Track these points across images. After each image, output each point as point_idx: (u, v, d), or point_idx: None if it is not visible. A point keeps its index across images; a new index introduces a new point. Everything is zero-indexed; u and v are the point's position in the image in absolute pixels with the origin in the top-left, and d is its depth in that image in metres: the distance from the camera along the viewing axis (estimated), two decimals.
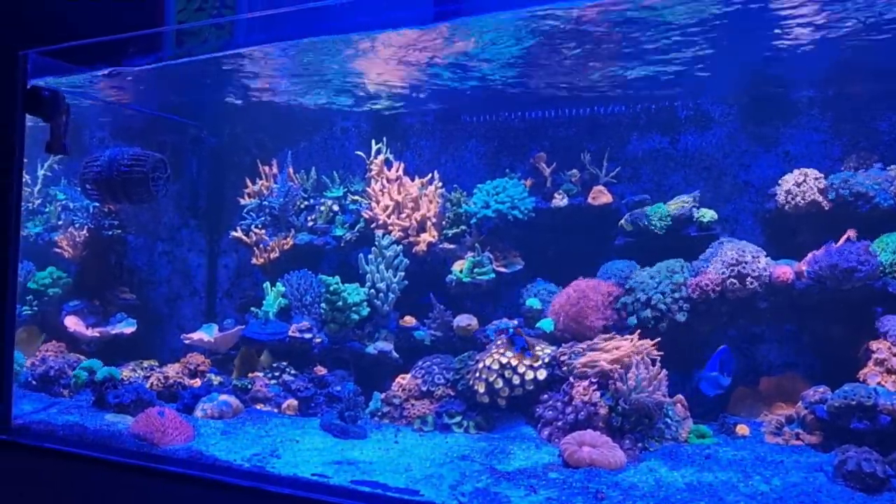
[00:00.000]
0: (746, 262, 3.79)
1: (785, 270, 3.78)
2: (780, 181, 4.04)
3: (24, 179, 3.75)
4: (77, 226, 5.33)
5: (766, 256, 3.88)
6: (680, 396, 3.71)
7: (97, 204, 5.14)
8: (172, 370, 4.49)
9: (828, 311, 3.77)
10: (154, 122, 5.41)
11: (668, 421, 3.55)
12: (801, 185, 3.93)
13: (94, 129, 5.67)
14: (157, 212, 5.50)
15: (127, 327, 5.06)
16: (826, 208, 3.90)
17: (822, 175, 3.96)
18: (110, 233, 5.33)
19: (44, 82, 3.72)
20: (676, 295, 3.87)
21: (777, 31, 3.38)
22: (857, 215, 3.84)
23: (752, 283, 3.76)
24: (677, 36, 3.44)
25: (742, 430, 3.62)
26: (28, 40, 3.55)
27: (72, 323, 4.99)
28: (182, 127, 5.34)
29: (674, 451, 3.37)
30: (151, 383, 4.35)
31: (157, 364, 4.76)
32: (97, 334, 4.95)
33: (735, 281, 3.76)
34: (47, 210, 5.63)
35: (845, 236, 3.76)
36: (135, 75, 4.27)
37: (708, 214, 4.14)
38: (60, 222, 5.49)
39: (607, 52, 3.69)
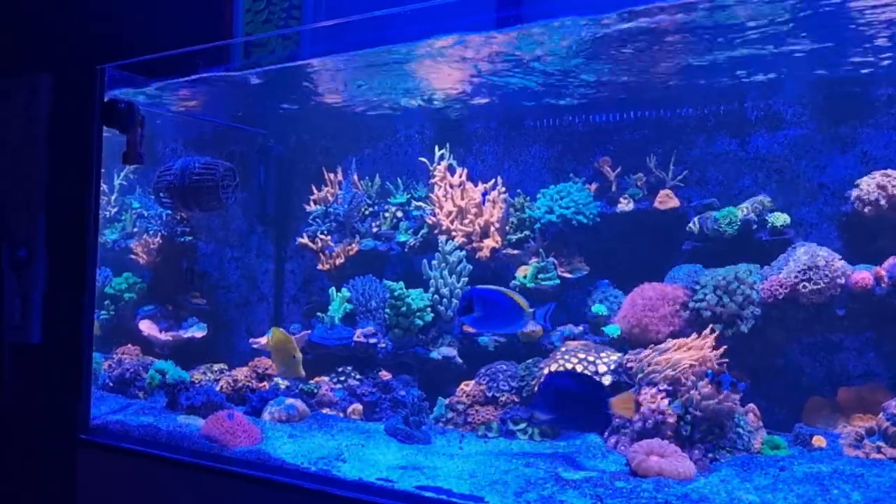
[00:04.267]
0: (820, 267, 3.65)
1: (864, 276, 3.63)
2: (856, 182, 3.89)
3: (101, 189, 3.88)
4: (151, 233, 5.51)
5: (843, 261, 3.73)
6: (752, 405, 3.60)
7: (170, 212, 5.30)
8: (241, 373, 4.59)
9: None
10: (224, 132, 5.55)
11: (740, 431, 3.44)
12: (882, 187, 3.77)
13: (167, 139, 5.86)
14: (227, 219, 5.63)
15: (198, 331, 5.19)
16: None
17: None
18: (182, 239, 5.48)
19: (119, 94, 3.86)
20: (747, 301, 3.76)
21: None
22: None
23: (827, 289, 3.62)
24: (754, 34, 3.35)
25: (818, 441, 3.48)
26: (105, 55, 3.69)
27: (146, 327, 5.16)
28: (250, 136, 5.46)
29: (746, 462, 3.27)
30: (221, 386, 4.45)
31: (226, 367, 4.87)
32: (170, 338, 5.10)
33: (809, 286, 3.63)
34: (123, 218, 5.83)
35: None
36: (207, 87, 4.40)
37: (780, 218, 4.00)
38: (135, 229, 5.69)
39: (676, 54, 3.62)
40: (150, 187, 4.59)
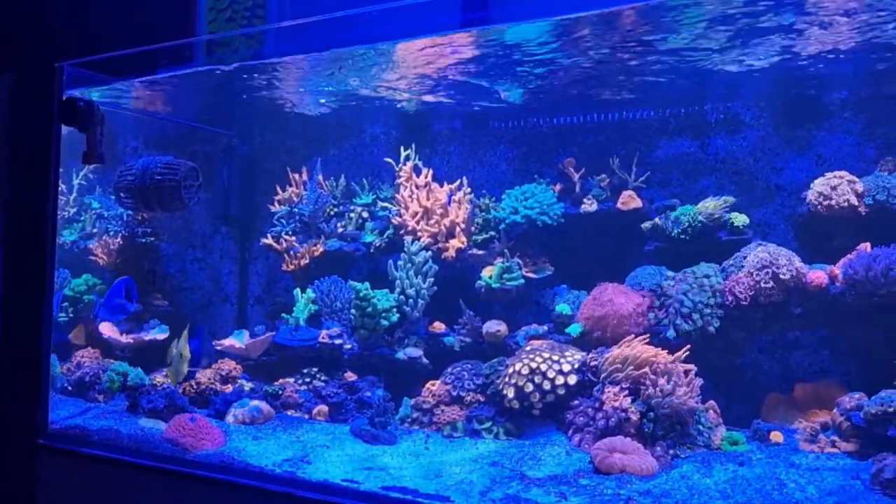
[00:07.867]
0: (778, 266, 3.73)
1: (819, 275, 3.72)
2: (811, 184, 3.99)
3: (59, 189, 3.81)
4: (111, 234, 5.41)
5: (799, 260, 3.82)
6: (712, 402, 3.67)
7: (131, 212, 5.22)
8: (205, 376, 4.53)
9: (864, 316, 3.70)
10: (187, 131, 5.48)
11: (701, 427, 3.51)
12: (836, 188, 3.87)
13: (128, 138, 5.77)
14: (190, 219, 5.57)
15: (160, 333, 5.11)
16: (862, 212, 3.83)
17: (857, 178, 3.89)
18: (144, 240, 5.40)
19: (79, 93, 3.80)
20: (711, 302, 3.82)
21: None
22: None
23: (784, 287, 3.71)
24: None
25: (776, 437, 3.56)
26: (63, 52, 3.62)
27: (106, 329, 5.06)
28: (214, 136, 5.41)
29: (706, 458, 3.33)
30: (184, 389, 4.39)
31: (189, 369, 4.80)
32: (131, 340, 5.01)
33: (766, 285, 3.71)
34: (82, 218, 5.73)
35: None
36: (168, 85, 4.35)
37: (739, 219, 4.09)
38: (95, 230, 5.58)
39: (635, 57, 3.67)
40: (111, 187, 4.52)
